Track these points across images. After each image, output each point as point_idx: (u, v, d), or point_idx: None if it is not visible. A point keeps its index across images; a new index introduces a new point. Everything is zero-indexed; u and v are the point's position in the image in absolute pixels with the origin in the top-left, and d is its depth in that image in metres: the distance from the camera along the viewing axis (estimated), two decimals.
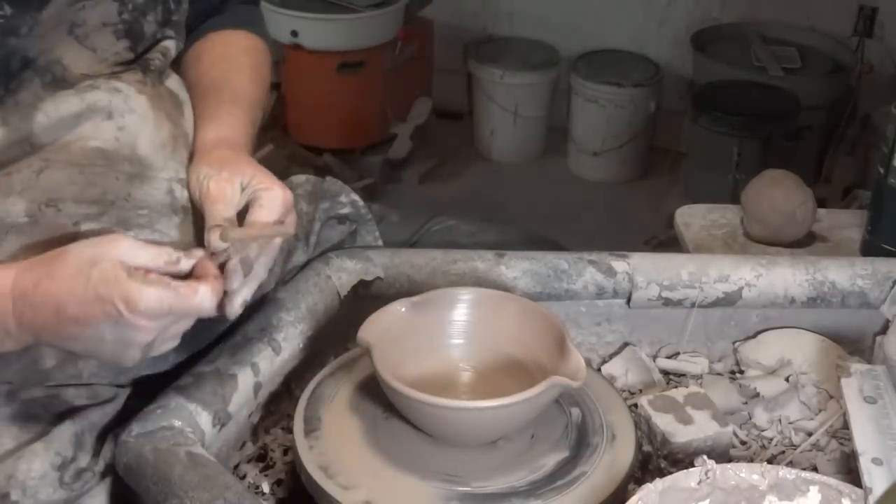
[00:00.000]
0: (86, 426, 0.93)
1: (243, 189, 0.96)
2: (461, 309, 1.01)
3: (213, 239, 0.90)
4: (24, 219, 0.92)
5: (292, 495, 0.95)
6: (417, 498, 0.87)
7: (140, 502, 0.87)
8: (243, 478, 0.97)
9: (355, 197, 1.23)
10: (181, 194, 1.01)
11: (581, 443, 0.93)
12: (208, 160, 1.00)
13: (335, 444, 0.92)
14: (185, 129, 1.06)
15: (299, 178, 1.21)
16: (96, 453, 0.93)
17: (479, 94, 3.42)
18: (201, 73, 1.12)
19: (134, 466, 0.87)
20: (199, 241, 0.96)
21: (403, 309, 0.98)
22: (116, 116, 0.97)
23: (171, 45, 1.06)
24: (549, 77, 3.38)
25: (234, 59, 1.16)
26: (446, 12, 3.42)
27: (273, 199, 0.95)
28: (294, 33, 3.01)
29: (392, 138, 3.27)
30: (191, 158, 1.04)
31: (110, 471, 0.92)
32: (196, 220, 1.02)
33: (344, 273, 1.13)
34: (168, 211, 0.99)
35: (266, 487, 0.96)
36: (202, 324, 0.97)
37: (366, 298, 1.12)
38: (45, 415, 0.94)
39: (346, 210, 1.22)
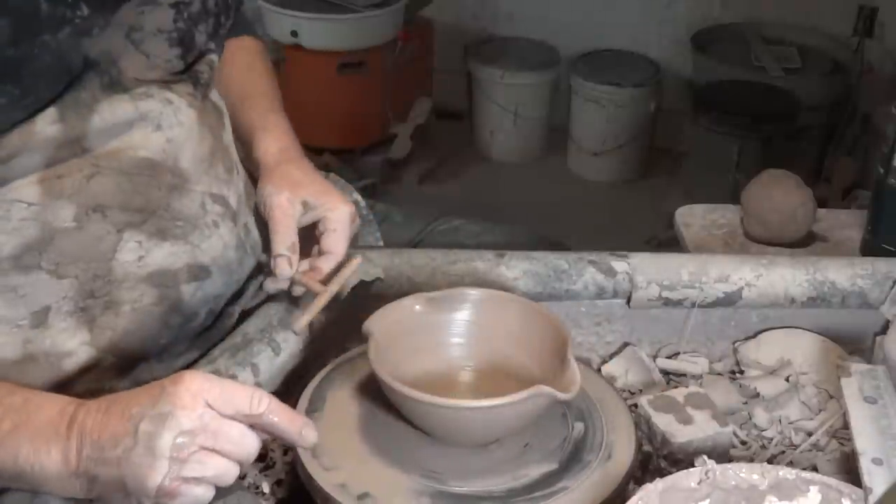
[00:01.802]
0: None
1: (307, 207, 1.08)
2: (470, 309, 1.01)
3: (280, 269, 1.02)
4: (72, 223, 0.94)
5: (292, 495, 0.95)
6: (392, 488, 0.88)
7: None
8: (243, 478, 0.97)
9: (358, 197, 1.24)
10: (211, 208, 1.04)
11: (574, 458, 0.92)
12: (273, 179, 1.10)
13: (331, 426, 0.93)
14: (224, 143, 1.09)
15: None
16: None
17: (479, 94, 3.42)
18: (229, 82, 1.16)
19: None
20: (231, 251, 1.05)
21: (418, 306, 0.99)
22: (165, 128, 0.99)
23: (215, 59, 1.09)
24: (549, 77, 3.38)
25: (254, 66, 1.25)
26: (446, 12, 3.42)
27: (341, 221, 1.07)
28: (294, 33, 3.01)
29: (392, 138, 3.27)
30: (251, 178, 1.14)
31: None
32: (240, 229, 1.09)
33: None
34: (201, 224, 1.02)
35: (266, 487, 0.96)
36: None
37: (366, 299, 1.12)
38: None
39: None
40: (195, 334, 1.05)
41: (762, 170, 1.51)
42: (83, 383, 0.96)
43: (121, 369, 0.99)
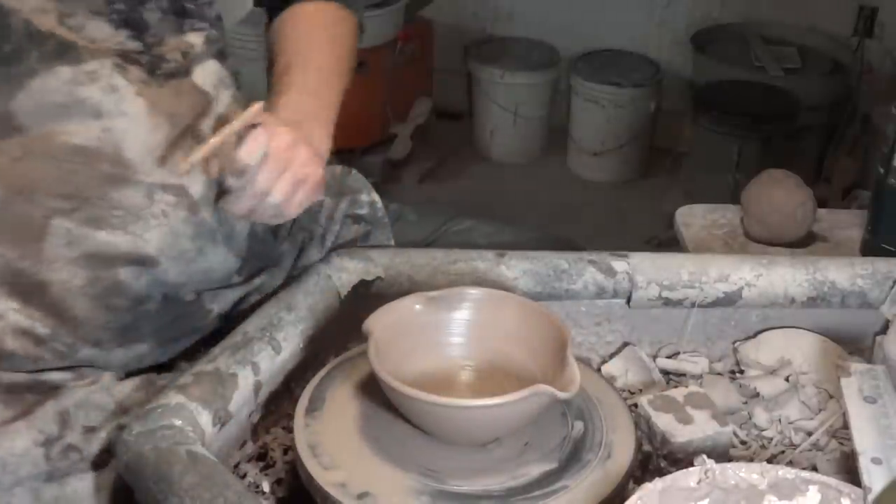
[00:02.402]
0: (70, 405, 0.94)
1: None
2: (470, 308, 1.01)
3: (180, 168, 0.95)
4: None
5: (292, 495, 0.95)
6: (392, 487, 0.88)
7: (139, 501, 0.87)
8: (243, 477, 0.97)
9: (375, 197, 1.21)
10: (161, 198, 1.00)
11: (573, 457, 0.92)
12: None
13: (331, 425, 0.94)
14: (199, 132, 1.03)
15: None
16: (87, 431, 0.93)
17: (479, 94, 3.42)
18: (281, 47, 1.11)
19: (134, 465, 0.87)
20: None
21: (418, 306, 0.99)
22: (105, 118, 0.96)
23: (197, 40, 1.04)
24: (549, 77, 3.38)
25: (313, 34, 1.17)
26: (446, 12, 3.41)
27: (251, 134, 0.95)
28: None
29: (392, 138, 3.27)
30: None
31: (103, 463, 0.93)
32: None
33: (345, 272, 1.13)
34: (145, 214, 0.99)
35: (266, 487, 0.96)
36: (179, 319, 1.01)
37: (366, 298, 1.12)
38: (29, 396, 0.95)
39: (363, 211, 1.20)
40: (158, 320, 1.02)
41: (762, 170, 1.52)
42: (22, 347, 0.96)
43: (69, 346, 0.97)
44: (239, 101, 1.09)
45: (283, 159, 0.97)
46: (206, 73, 1.05)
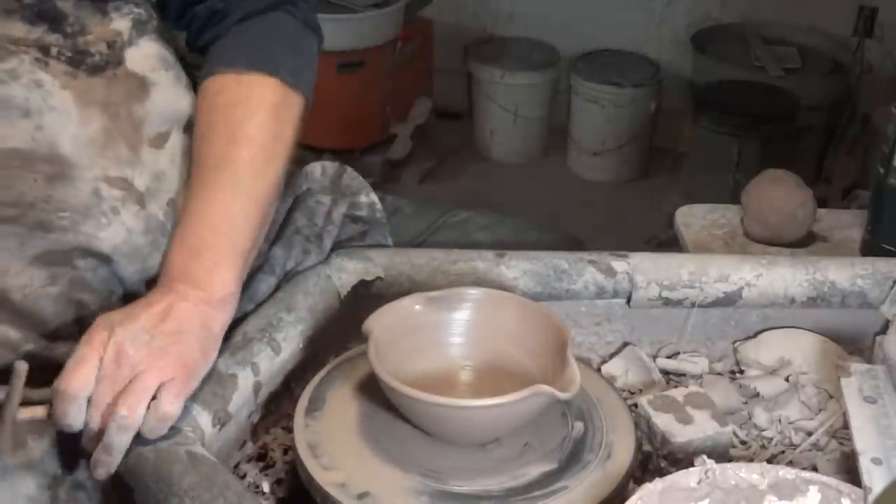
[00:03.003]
0: (69, 444, 0.90)
1: None
2: (470, 309, 1.01)
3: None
4: None
5: (292, 495, 0.95)
6: (392, 488, 0.88)
7: (138, 502, 0.87)
8: (243, 477, 0.97)
9: (374, 198, 1.19)
10: (108, 194, 0.97)
11: (573, 458, 0.92)
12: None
13: (331, 425, 0.94)
14: (136, 117, 0.99)
15: (314, 167, 1.18)
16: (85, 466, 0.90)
17: (479, 94, 3.42)
18: (195, 139, 1.02)
19: (133, 466, 0.87)
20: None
21: (418, 306, 0.99)
22: (34, 115, 0.93)
23: (123, 26, 1.00)
24: (549, 77, 3.38)
25: (209, 135, 1.03)
26: (446, 12, 3.42)
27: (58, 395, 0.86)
28: None
29: (392, 138, 3.27)
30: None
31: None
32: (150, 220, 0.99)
33: (344, 273, 1.13)
34: (95, 213, 0.96)
35: (266, 487, 0.96)
36: None
37: (366, 298, 1.12)
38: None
39: (362, 212, 1.20)
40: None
41: (762, 170, 1.51)
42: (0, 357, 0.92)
43: (45, 347, 0.94)
44: (182, 80, 1.06)
45: (119, 380, 0.86)
46: (142, 57, 1.01)
